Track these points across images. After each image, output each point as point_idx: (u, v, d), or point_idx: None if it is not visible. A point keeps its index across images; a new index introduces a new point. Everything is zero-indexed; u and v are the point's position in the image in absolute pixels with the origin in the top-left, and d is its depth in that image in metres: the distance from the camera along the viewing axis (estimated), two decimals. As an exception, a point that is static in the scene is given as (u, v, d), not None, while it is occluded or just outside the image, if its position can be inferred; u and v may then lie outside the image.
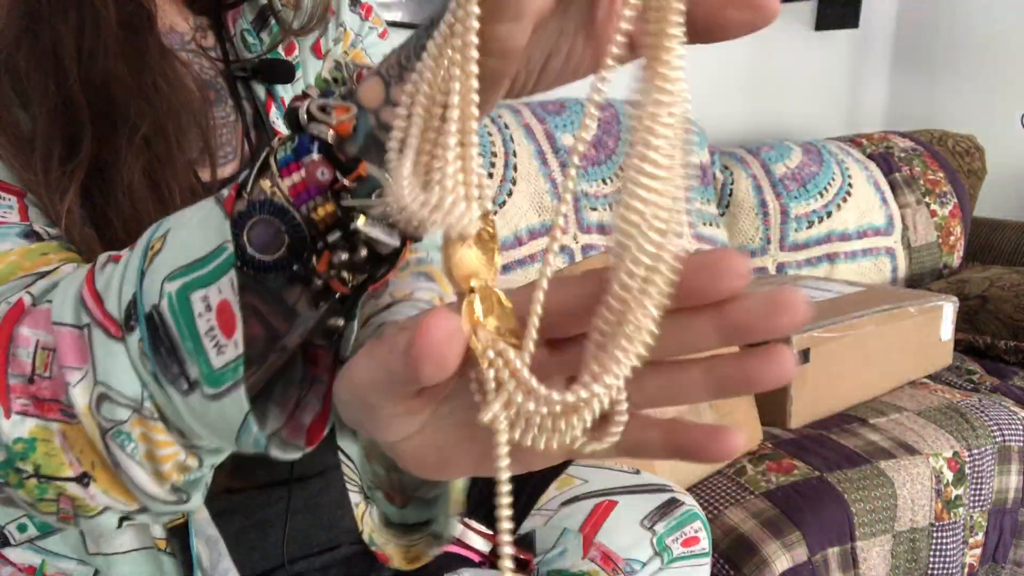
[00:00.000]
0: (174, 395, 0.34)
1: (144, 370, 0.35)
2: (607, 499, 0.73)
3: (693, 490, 1.01)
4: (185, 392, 0.34)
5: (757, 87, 2.32)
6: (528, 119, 1.55)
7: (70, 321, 0.36)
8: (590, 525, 0.71)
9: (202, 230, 0.33)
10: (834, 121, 2.56)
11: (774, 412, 1.18)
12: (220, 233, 0.32)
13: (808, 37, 2.38)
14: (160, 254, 0.34)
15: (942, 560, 1.13)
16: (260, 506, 0.57)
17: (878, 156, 2.06)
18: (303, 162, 0.32)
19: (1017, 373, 1.46)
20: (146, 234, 0.36)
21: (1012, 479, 1.23)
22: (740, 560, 0.92)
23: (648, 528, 0.71)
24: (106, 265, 0.37)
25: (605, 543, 0.70)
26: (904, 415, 1.23)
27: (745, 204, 1.86)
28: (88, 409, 0.36)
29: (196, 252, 0.33)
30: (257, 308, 0.34)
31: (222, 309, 0.32)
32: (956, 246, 2.02)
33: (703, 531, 0.74)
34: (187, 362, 0.33)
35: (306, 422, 0.38)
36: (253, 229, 0.32)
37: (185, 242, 0.34)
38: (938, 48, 2.50)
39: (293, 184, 0.32)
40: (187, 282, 0.33)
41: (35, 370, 0.37)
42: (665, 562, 0.71)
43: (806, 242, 1.87)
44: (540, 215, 1.50)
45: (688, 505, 0.74)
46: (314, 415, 0.38)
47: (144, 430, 0.36)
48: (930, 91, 2.53)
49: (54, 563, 0.49)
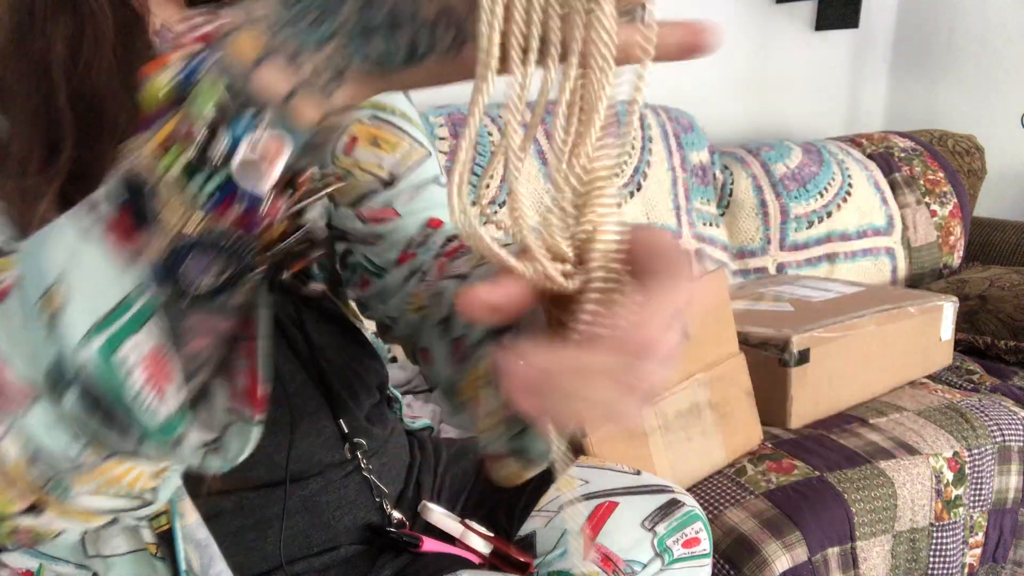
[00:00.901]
0: (124, 444, 0.32)
1: (81, 429, 0.32)
2: (608, 500, 0.73)
3: (693, 490, 1.01)
4: (137, 443, 0.32)
5: (757, 87, 2.32)
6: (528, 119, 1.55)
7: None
8: (591, 526, 0.71)
9: (108, 271, 0.29)
10: (834, 121, 2.56)
11: (774, 412, 1.18)
12: (133, 275, 0.29)
13: (808, 37, 2.38)
14: (67, 308, 0.29)
15: (942, 560, 1.13)
16: (258, 506, 0.56)
17: (878, 156, 2.06)
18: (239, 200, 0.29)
19: (1017, 373, 1.46)
20: (17, 267, 0.31)
21: (1012, 479, 1.23)
22: (740, 560, 0.92)
23: (649, 529, 0.71)
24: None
25: (606, 544, 0.70)
26: (904, 415, 1.23)
27: (745, 204, 1.86)
28: (23, 465, 0.32)
29: (111, 300, 0.29)
30: (194, 328, 0.31)
31: (155, 357, 0.30)
32: (956, 246, 2.02)
33: (704, 532, 0.74)
34: (129, 424, 0.31)
35: (241, 384, 0.35)
36: (187, 262, 0.29)
37: (93, 290, 0.29)
38: (938, 48, 2.50)
39: (235, 219, 0.29)
40: (110, 336, 0.29)
41: None
42: (666, 563, 0.70)
43: (806, 242, 1.87)
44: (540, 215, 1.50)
45: (689, 506, 0.74)
46: (246, 375, 0.35)
47: (91, 476, 0.33)
48: (930, 91, 2.53)
49: (52, 567, 0.48)
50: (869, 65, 2.59)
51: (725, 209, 1.88)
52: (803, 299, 1.39)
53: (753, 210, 1.85)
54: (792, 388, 1.17)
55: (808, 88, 2.45)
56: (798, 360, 1.15)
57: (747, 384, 1.04)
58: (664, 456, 0.96)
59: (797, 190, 1.88)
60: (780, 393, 1.18)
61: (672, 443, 0.97)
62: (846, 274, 1.88)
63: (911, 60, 2.58)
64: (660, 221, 1.67)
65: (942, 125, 2.38)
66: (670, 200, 1.70)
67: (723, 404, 1.01)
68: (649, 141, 1.69)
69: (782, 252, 1.86)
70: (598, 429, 0.78)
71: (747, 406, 1.06)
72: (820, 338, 1.17)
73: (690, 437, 0.99)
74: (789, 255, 1.86)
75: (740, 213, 1.86)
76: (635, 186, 1.64)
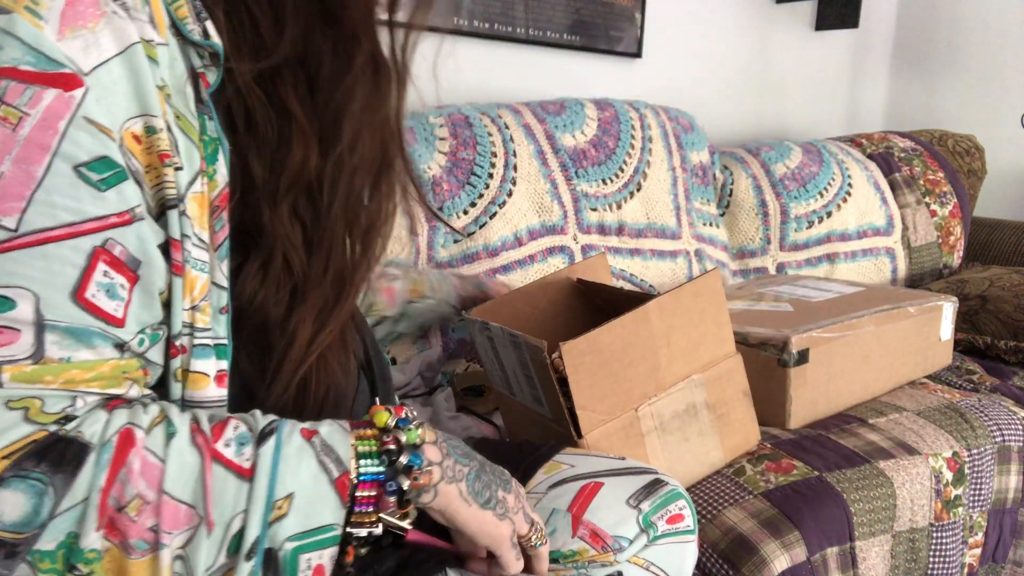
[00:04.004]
0: None
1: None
2: (593, 480, 0.75)
3: (692, 490, 1.01)
4: None
5: (757, 87, 2.32)
6: (528, 119, 1.56)
7: (184, 499, 0.44)
8: (578, 505, 0.73)
9: (319, 504, 0.47)
10: (834, 121, 2.56)
11: (773, 412, 1.18)
12: (334, 515, 0.48)
13: (808, 37, 2.38)
14: (286, 519, 0.46)
15: (942, 560, 1.13)
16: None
17: (878, 156, 2.06)
18: (380, 488, 0.51)
19: (1017, 373, 1.46)
20: (264, 479, 0.46)
21: (1012, 479, 1.23)
22: (739, 560, 0.92)
23: (634, 507, 0.73)
24: (230, 447, 0.47)
25: (593, 521, 0.72)
26: (904, 415, 1.23)
27: (745, 204, 1.86)
28: (168, 568, 0.44)
29: (313, 522, 0.47)
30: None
31: (318, 571, 0.48)
32: (956, 246, 2.02)
33: (688, 509, 0.75)
34: None
35: None
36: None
37: (306, 512, 0.47)
38: (938, 48, 2.50)
39: (367, 496, 0.50)
40: (301, 545, 0.47)
41: (126, 507, 0.43)
42: (651, 538, 0.72)
43: (806, 242, 1.87)
44: (540, 215, 1.50)
45: (672, 485, 0.76)
46: None
47: None
48: (930, 91, 2.53)
49: None
50: (869, 65, 2.59)
51: (725, 209, 1.88)
52: (803, 299, 1.39)
53: (753, 210, 1.86)
54: (791, 388, 1.17)
55: (808, 88, 2.45)
56: (797, 360, 1.15)
57: (744, 384, 1.04)
58: (661, 457, 0.96)
59: (797, 190, 1.88)
60: (779, 393, 1.18)
61: (669, 444, 0.97)
62: (846, 274, 1.88)
63: (911, 60, 2.57)
64: (660, 221, 1.67)
65: (942, 125, 2.38)
66: (670, 200, 1.70)
67: (720, 404, 1.01)
68: (649, 141, 1.70)
69: (782, 252, 1.86)
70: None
71: (744, 406, 1.06)
72: (819, 338, 1.17)
73: (687, 438, 0.99)
74: (789, 255, 1.86)
75: (740, 213, 1.86)
76: (635, 186, 1.64)
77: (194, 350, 0.50)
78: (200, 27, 0.49)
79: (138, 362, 0.47)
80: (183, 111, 0.48)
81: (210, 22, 0.50)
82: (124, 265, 0.45)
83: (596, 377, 0.87)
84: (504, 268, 1.43)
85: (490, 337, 0.96)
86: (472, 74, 1.70)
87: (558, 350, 0.84)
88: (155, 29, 0.47)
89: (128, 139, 0.45)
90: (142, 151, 0.46)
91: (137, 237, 0.46)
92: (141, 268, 0.46)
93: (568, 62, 1.85)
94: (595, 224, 1.58)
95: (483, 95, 1.69)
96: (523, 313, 1.10)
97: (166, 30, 0.48)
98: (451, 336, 1.36)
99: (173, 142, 0.47)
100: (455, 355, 1.37)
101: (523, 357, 0.90)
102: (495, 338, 0.95)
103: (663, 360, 0.93)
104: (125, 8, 0.45)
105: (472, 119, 1.47)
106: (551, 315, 1.12)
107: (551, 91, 1.79)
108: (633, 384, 0.91)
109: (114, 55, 0.44)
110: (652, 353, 0.92)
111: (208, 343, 0.50)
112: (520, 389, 0.96)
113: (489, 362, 1.02)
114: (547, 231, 1.51)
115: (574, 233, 1.54)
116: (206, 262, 0.50)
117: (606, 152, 1.62)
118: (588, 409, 0.87)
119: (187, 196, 0.48)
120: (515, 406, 1.00)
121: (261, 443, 0.47)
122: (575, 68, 1.86)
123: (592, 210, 1.57)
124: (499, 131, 1.49)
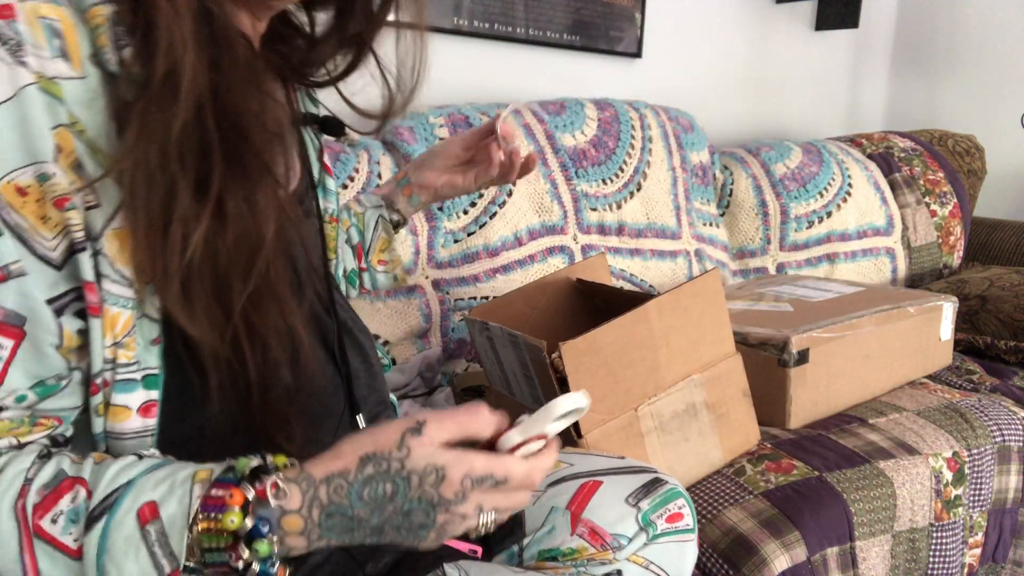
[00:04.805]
0: None
1: None
2: (592, 479, 0.75)
3: (692, 490, 1.01)
4: None
5: (757, 87, 2.32)
6: (528, 119, 1.56)
7: (7, 568, 0.44)
8: (577, 503, 0.73)
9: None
10: (834, 121, 2.56)
11: (773, 412, 1.18)
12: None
13: (808, 37, 2.38)
14: None
15: (942, 560, 1.13)
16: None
17: (878, 156, 2.06)
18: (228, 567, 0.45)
19: (1017, 373, 1.46)
20: (92, 570, 0.44)
21: (1012, 479, 1.23)
22: (739, 560, 0.92)
23: (633, 505, 0.73)
24: (57, 523, 0.45)
25: (592, 519, 0.72)
26: (904, 415, 1.23)
27: (745, 204, 1.86)
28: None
29: None
30: None
31: None
32: (956, 246, 2.02)
33: (687, 508, 0.75)
34: None
35: None
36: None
37: None
38: (938, 48, 2.50)
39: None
40: None
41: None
42: (650, 537, 0.72)
43: (806, 242, 1.87)
44: (540, 215, 1.50)
45: (671, 484, 0.76)
46: None
47: None
48: (930, 91, 2.53)
49: None
50: (869, 65, 2.59)
51: (725, 209, 1.88)
52: (802, 299, 1.39)
53: (753, 210, 1.86)
54: (791, 388, 1.17)
55: (808, 88, 2.45)
56: (797, 360, 1.15)
57: (744, 384, 1.04)
58: (661, 457, 0.96)
59: (797, 190, 1.88)
60: (779, 393, 1.18)
61: (669, 444, 0.97)
62: (846, 274, 1.88)
63: (911, 60, 2.58)
64: (660, 221, 1.67)
65: (942, 125, 2.38)
66: (670, 200, 1.70)
67: (720, 404, 1.01)
68: (649, 141, 1.69)
69: (782, 252, 1.86)
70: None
71: (744, 406, 1.06)
72: (819, 338, 1.17)
73: (687, 438, 0.99)
74: (789, 255, 1.86)
75: (740, 213, 1.86)
76: (635, 186, 1.64)
77: (116, 385, 0.48)
78: (116, 56, 0.46)
79: (18, 419, 0.46)
80: (103, 144, 0.46)
81: (129, 49, 0.46)
82: (1, 323, 0.44)
83: (596, 377, 0.87)
84: (504, 268, 1.43)
85: (490, 337, 0.96)
86: (472, 74, 1.70)
87: (558, 350, 0.84)
88: (67, 62, 0.44)
89: (9, 193, 0.43)
90: (30, 202, 0.44)
91: (17, 293, 0.44)
92: (27, 324, 0.45)
93: (568, 62, 1.85)
94: (595, 224, 1.58)
95: (483, 95, 1.69)
96: (522, 313, 1.10)
97: (84, 61, 0.45)
98: (451, 336, 1.36)
99: (86, 180, 0.45)
100: (455, 355, 1.37)
101: (523, 357, 0.90)
102: (495, 338, 0.95)
103: (663, 360, 0.93)
104: (14, 50, 0.43)
105: (472, 119, 1.47)
106: (551, 315, 1.13)
107: (551, 91, 1.79)
108: (633, 384, 0.91)
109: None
110: (652, 353, 0.92)
111: (135, 377, 0.49)
112: (520, 389, 0.96)
113: (489, 362, 1.02)
114: (547, 231, 1.50)
115: (574, 233, 1.54)
116: (130, 298, 0.47)
117: (606, 152, 1.62)
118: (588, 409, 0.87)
119: (106, 233, 0.46)
120: (515, 406, 1.01)
121: (89, 527, 0.44)
122: (575, 68, 1.86)
123: (592, 210, 1.57)
124: (499, 131, 1.49)
